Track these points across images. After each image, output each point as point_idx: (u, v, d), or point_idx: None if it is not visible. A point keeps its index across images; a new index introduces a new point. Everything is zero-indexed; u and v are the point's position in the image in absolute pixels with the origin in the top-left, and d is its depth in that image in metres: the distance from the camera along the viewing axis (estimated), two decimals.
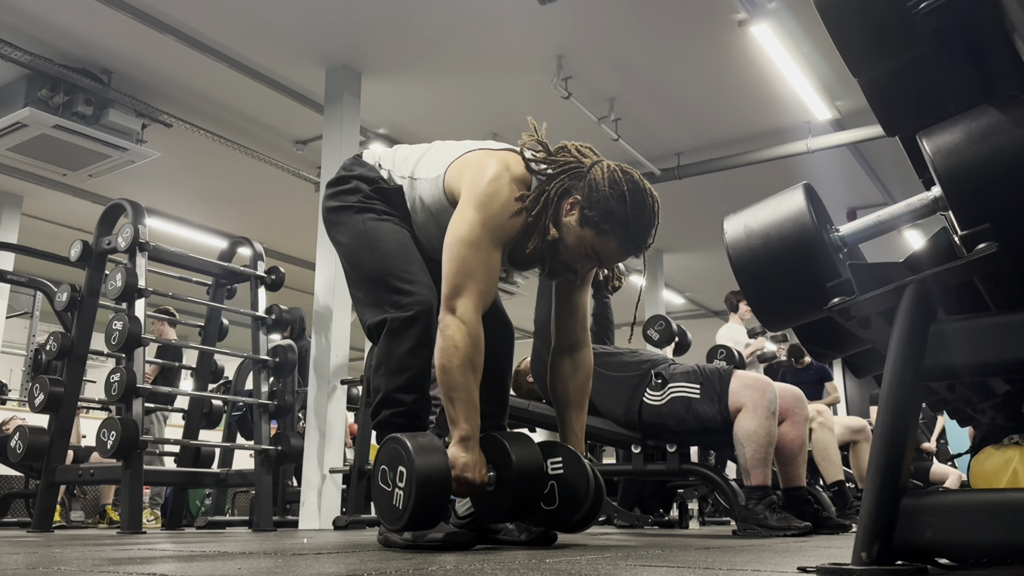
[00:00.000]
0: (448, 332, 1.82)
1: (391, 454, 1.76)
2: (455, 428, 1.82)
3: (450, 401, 1.82)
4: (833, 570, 1.01)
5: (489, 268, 1.88)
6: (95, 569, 1.27)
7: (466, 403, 1.81)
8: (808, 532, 2.71)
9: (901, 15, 1.15)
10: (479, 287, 1.85)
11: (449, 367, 1.81)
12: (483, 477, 1.81)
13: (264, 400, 3.90)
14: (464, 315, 1.83)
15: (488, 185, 1.88)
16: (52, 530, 3.64)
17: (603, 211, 1.86)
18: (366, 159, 2.15)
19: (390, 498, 1.73)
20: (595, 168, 1.90)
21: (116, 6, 4.97)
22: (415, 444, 1.70)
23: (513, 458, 1.80)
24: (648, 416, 3.01)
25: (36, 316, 7.66)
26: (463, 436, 1.80)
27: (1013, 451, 1.40)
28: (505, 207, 1.88)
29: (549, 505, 1.95)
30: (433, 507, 1.70)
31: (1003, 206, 1.06)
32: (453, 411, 1.82)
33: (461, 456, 1.79)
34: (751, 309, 1.31)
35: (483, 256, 1.86)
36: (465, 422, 1.81)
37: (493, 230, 1.87)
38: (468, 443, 1.80)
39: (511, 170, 1.91)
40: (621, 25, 5.31)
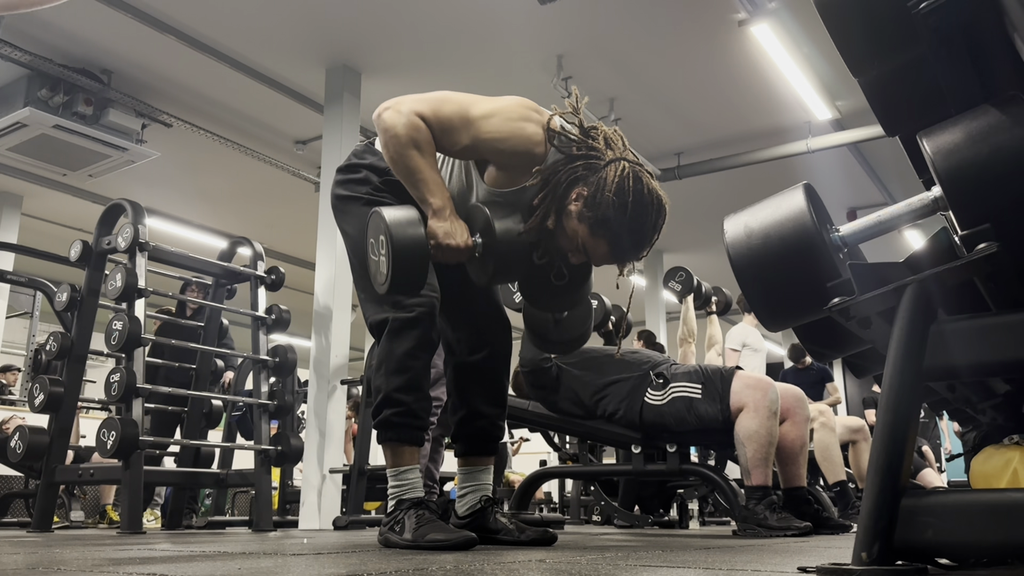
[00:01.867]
0: (385, 123, 1.84)
1: (373, 225, 1.83)
2: (426, 205, 1.84)
3: (413, 185, 1.86)
4: (833, 570, 1.01)
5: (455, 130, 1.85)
6: (95, 569, 1.27)
7: (428, 180, 1.84)
8: (808, 532, 2.71)
9: (901, 15, 1.15)
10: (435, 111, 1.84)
11: (397, 156, 1.84)
12: (467, 241, 1.82)
13: (264, 400, 3.90)
14: (402, 109, 1.84)
15: (513, 105, 1.87)
16: (52, 530, 3.64)
17: (600, 216, 1.81)
18: (378, 147, 2.12)
19: (377, 266, 1.82)
20: (610, 167, 1.83)
21: (116, 6, 4.97)
22: (392, 213, 1.78)
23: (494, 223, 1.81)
24: (649, 416, 3.01)
25: (36, 316, 7.66)
26: (436, 208, 1.83)
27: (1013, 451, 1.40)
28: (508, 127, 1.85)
29: (560, 280, 2.01)
30: (412, 271, 1.77)
31: (1003, 206, 1.06)
32: (420, 191, 1.85)
33: (439, 225, 1.81)
34: (751, 309, 1.31)
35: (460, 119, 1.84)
36: (433, 196, 1.83)
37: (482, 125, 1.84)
38: (443, 212, 1.82)
39: (533, 117, 1.87)
40: (621, 25, 5.31)
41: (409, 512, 1.88)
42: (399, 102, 1.86)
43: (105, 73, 5.75)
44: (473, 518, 2.06)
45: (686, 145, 7.06)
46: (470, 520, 2.06)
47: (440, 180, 1.86)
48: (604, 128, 1.92)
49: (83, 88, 5.56)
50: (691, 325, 4.63)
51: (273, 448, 3.83)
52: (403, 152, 1.83)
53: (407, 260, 1.75)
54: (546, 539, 1.99)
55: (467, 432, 2.14)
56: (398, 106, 1.85)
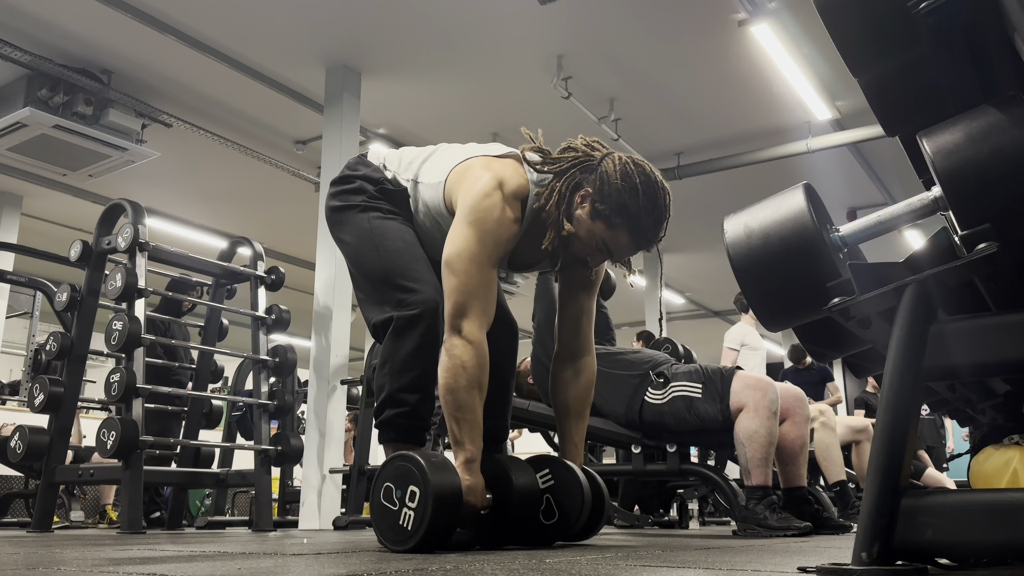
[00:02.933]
0: (455, 352, 1.80)
1: (400, 471, 1.70)
2: (459, 450, 1.79)
3: (455, 422, 1.79)
4: (833, 570, 1.01)
5: (489, 285, 1.87)
6: (95, 569, 1.27)
7: (471, 425, 1.79)
8: (808, 532, 2.71)
9: (901, 15, 1.15)
10: (482, 305, 1.84)
11: (456, 388, 1.79)
12: (484, 501, 1.79)
13: (264, 400, 3.90)
14: (470, 335, 1.81)
15: (481, 202, 1.86)
16: (52, 530, 3.64)
17: (614, 204, 1.84)
18: (371, 159, 2.14)
19: (396, 517, 1.67)
20: (606, 160, 1.87)
21: (116, 6, 4.97)
22: (429, 464, 1.66)
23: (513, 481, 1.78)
24: (649, 415, 3.01)
25: (36, 316, 7.64)
26: (468, 459, 1.78)
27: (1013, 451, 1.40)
28: (499, 225, 1.86)
29: (549, 519, 1.94)
30: (445, 528, 1.67)
31: (1003, 206, 1.06)
32: (459, 433, 1.79)
33: (466, 480, 1.75)
34: (751, 309, 1.31)
35: (483, 274, 1.85)
36: (470, 444, 1.79)
37: (489, 247, 1.85)
38: (472, 466, 1.78)
39: (506, 186, 1.88)
40: (621, 25, 5.31)
41: None
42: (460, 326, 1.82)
43: (105, 73, 5.75)
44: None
45: (686, 145, 7.06)
46: None
47: (480, 427, 1.81)
48: (580, 138, 1.97)
49: (83, 88, 5.56)
50: None
51: (273, 448, 3.83)
52: (467, 388, 1.79)
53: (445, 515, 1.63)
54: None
55: None
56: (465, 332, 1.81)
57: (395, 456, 1.75)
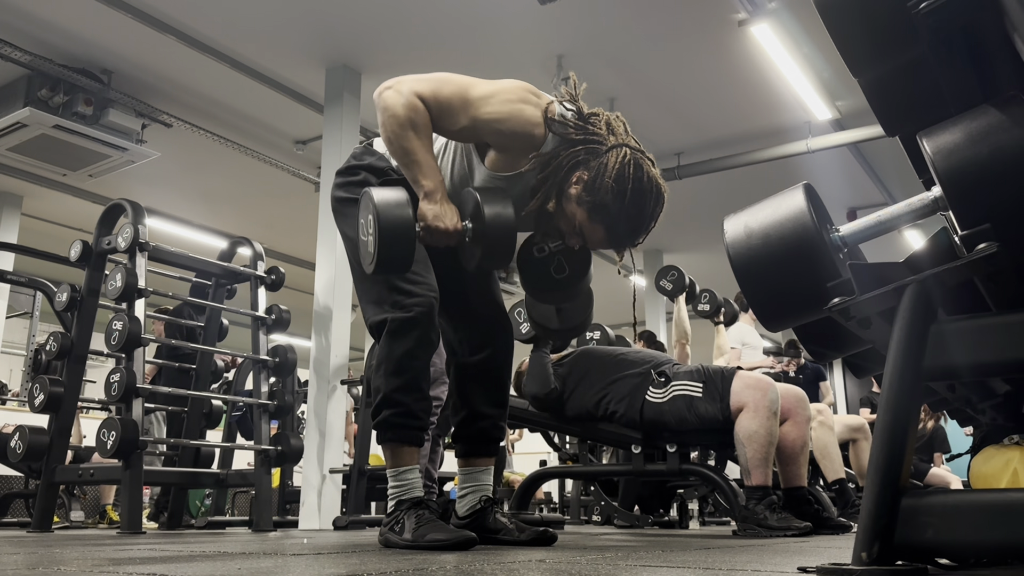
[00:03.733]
0: (385, 103, 1.85)
1: (363, 205, 1.83)
2: (418, 187, 1.85)
3: (406, 167, 1.86)
4: (833, 570, 1.01)
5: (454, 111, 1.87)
6: (95, 569, 1.27)
7: (422, 162, 1.84)
8: (808, 532, 2.71)
9: (901, 15, 1.15)
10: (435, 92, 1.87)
11: (394, 136, 1.84)
12: (456, 224, 1.82)
13: (264, 400, 3.90)
14: (401, 89, 1.86)
15: (513, 87, 1.90)
16: (52, 530, 3.64)
17: (598, 201, 1.83)
18: (377, 147, 2.12)
19: (366, 246, 1.82)
20: (612, 152, 1.85)
21: (116, 6, 4.97)
22: (381, 194, 1.78)
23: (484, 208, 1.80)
24: (650, 414, 3.01)
25: (36, 316, 7.65)
26: (427, 191, 1.83)
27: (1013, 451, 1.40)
28: (507, 109, 1.86)
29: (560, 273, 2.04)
30: (398, 250, 1.77)
31: (1003, 206, 1.06)
32: (412, 172, 1.85)
33: (429, 208, 1.81)
34: (751, 309, 1.31)
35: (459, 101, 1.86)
36: (425, 179, 1.84)
37: (482, 107, 1.86)
38: (434, 195, 1.83)
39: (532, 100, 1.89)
40: (621, 25, 5.31)
41: (409, 512, 1.88)
42: (399, 82, 1.88)
43: (105, 73, 5.75)
44: (473, 518, 2.06)
45: (686, 145, 7.06)
46: (470, 520, 2.06)
47: (434, 163, 1.87)
48: (606, 113, 1.95)
49: (83, 88, 5.56)
50: (683, 326, 4.63)
51: (273, 448, 3.83)
52: (400, 133, 1.84)
53: (394, 239, 1.76)
54: (546, 539, 1.99)
55: (468, 433, 2.15)
56: (399, 86, 1.87)
57: (362, 192, 1.85)
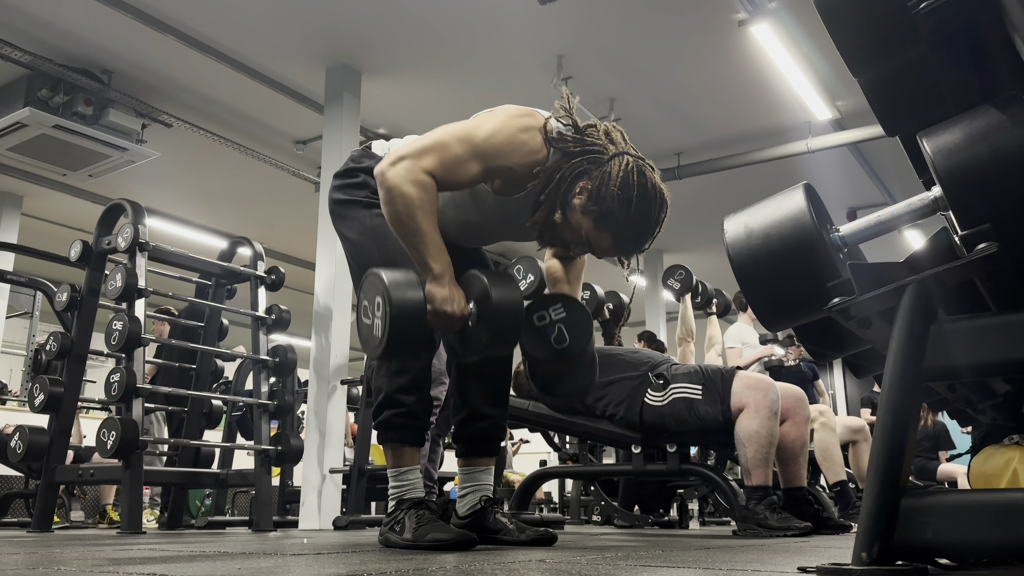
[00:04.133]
0: (391, 182, 1.77)
1: (369, 286, 1.78)
2: (425, 270, 1.79)
3: (413, 247, 1.80)
4: (833, 570, 1.01)
5: (463, 164, 1.82)
6: (95, 569, 1.27)
7: (431, 244, 1.79)
8: (808, 532, 2.71)
9: (901, 15, 1.15)
10: (441, 158, 1.80)
11: (401, 216, 1.78)
12: (462, 309, 1.79)
13: (264, 400, 3.90)
14: (408, 167, 1.78)
15: (511, 113, 1.87)
16: (52, 530, 3.64)
17: (604, 209, 1.82)
18: (376, 150, 2.12)
19: (370, 329, 1.76)
20: (614, 161, 1.84)
21: (116, 6, 4.97)
22: (391, 276, 1.73)
23: (491, 292, 1.77)
24: (649, 417, 3.01)
25: (36, 316, 7.65)
26: (436, 274, 1.78)
27: (1013, 451, 1.40)
28: (513, 138, 1.84)
29: (560, 344, 2.00)
30: (409, 334, 1.72)
31: (1003, 206, 1.06)
32: (421, 254, 1.79)
33: (436, 291, 1.77)
34: (751, 309, 1.31)
35: (465, 151, 1.82)
36: (434, 261, 1.79)
37: (491, 143, 1.83)
38: (442, 279, 1.79)
39: (530, 121, 1.87)
40: (621, 25, 5.31)
41: (409, 512, 1.88)
42: (402, 157, 1.80)
43: (105, 73, 5.75)
44: (473, 518, 2.06)
45: (686, 145, 7.06)
46: (470, 520, 2.06)
47: (442, 244, 1.81)
48: (603, 124, 1.93)
49: (83, 88, 5.56)
50: (689, 324, 4.64)
51: (273, 448, 3.83)
52: (408, 212, 1.77)
53: (406, 326, 1.69)
54: (546, 539, 1.99)
55: (468, 433, 2.15)
56: (403, 163, 1.79)
57: (368, 273, 1.80)
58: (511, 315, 1.79)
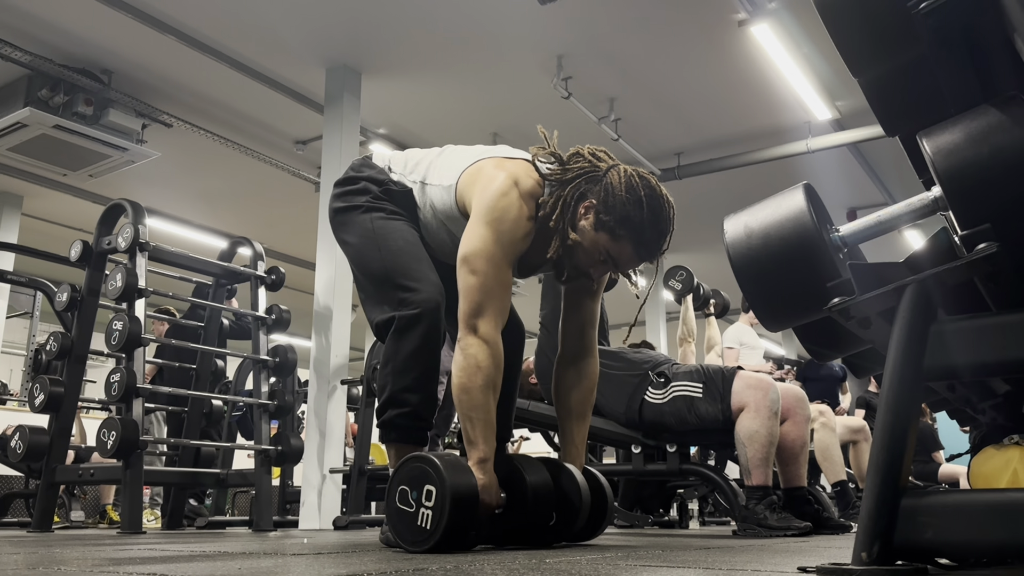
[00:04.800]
0: (471, 351, 1.80)
1: (414, 472, 1.70)
2: (473, 449, 1.79)
3: (469, 421, 1.79)
4: (833, 570, 1.01)
5: (505, 285, 1.87)
6: (95, 569, 1.27)
7: (485, 424, 1.79)
8: (808, 532, 2.71)
9: (901, 15, 1.15)
10: (498, 305, 1.85)
11: (471, 387, 1.79)
12: (498, 500, 1.79)
13: (264, 400, 3.90)
14: (486, 335, 1.81)
15: (498, 201, 1.86)
16: (52, 530, 3.64)
17: (619, 216, 1.85)
18: (375, 161, 2.14)
19: (415, 519, 1.67)
20: (612, 172, 1.89)
21: (116, 6, 4.97)
22: (444, 463, 1.67)
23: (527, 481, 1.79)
24: (649, 415, 3.01)
25: (36, 316, 7.65)
26: (482, 458, 1.78)
27: (1013, 451, 1.40)
28: (516, 224, 1.87)
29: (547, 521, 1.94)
30: (463, 526, 1.67)
31: (1003, 206, 1.06)
32: (472, 432, 1.79)
33: (480, 479, 1.75)
34: (751, 309, 1.31)
35: (500, 274, 1.85)
36: (483, 443, 1.78)
37: (506, 247, 1.86)
38: (486, 465, 1.78)
39: (520, 185, 1.89)
40: (621, 25, 5.31)
41: None
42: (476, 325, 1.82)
43: (105, 73, 5.75)
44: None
45: (686, 145, 7.06)
46: None
47: (494, 427, 1.82)
48: (586, 148, 1.97)
49: (83, 88, 5.56)
50: (690, 325, 4.64)
51: (273, 448, 3.83)
52: (482, 387, 1.79)
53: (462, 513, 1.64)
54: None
55: None
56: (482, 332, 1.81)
57: (409, 458, 1.75)
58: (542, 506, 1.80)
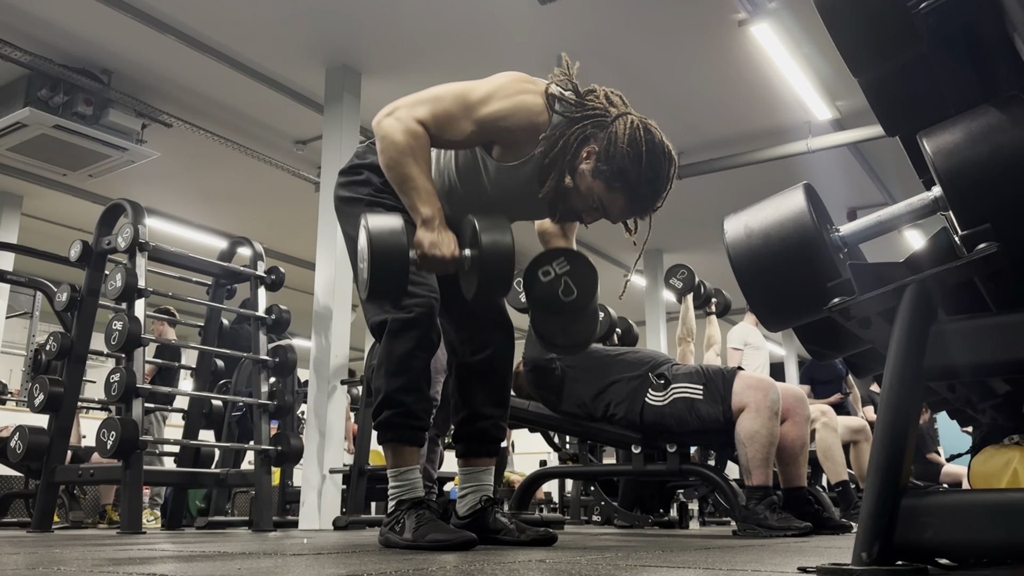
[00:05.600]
0: (384, 131, 1.83)
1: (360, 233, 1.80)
2: (416, 214, 1.82)
3: (404, 193, 1.84)
4: (833, 570, 1.01)
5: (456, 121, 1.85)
6: (95, 569, 1.27)
7: (420, 188, 1.82)
8: (808, 532, 2.71)
9: (901, 15, 1.15)
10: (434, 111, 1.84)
11: (393, 163, 1.83)
12: (453, 253, 1.79)
13: (264, 400, 3.90)
14: (400, 116, 1.84)
15: (514, 78, 1.90)
16: (52, 530, 3.64)
17: (616, 168, 1.83)
18: None
19: (360, 273, 1.80)
20: (619, 120, 1.86)
21: (116, 6, 4.97)
22: (375, 221, 1.75)
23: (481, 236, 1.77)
24: (650, 416, 3.01)
25: (36, 316, 7.66)
26: (426, 218, 1.80)
27: (1013, 451, 1.40)
28: (510, 102, 1.87)
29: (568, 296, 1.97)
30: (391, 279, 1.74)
31: (1003, 206, 1.06)
32: (411, 199, 1.82)
33: (426, 235, 1.78)
34: (751, 309, 1.31)
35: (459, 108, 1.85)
36: (423, 205, 1.81)
37: (485, 111, 1.85)
38: (432, 223, 1.80)
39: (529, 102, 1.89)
40: (621, 25, 5.31)
41: (409, 512, 1.88)
42: (396, 107, 1.86)
43: (105, 73, 5.75)
44: (473, 518, 2.06)
45: (686, 145, 7.06)
46: (470, 520, 2.06)
47: (432, 189, 1.85)
48: (602, 88, 1.95)
49: (83, 88, 5.55)
50: (690, 324, 4.64)
51: (273, 448, 3.83)
52: (399, 159, 1.82)
53: (387, 268, 1.73)
54: (546, 539, 1.99)
55: (468, 433, 2.15)
56: (397, 112, 1.85)
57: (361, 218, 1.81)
58: (503, 257, 1.78)
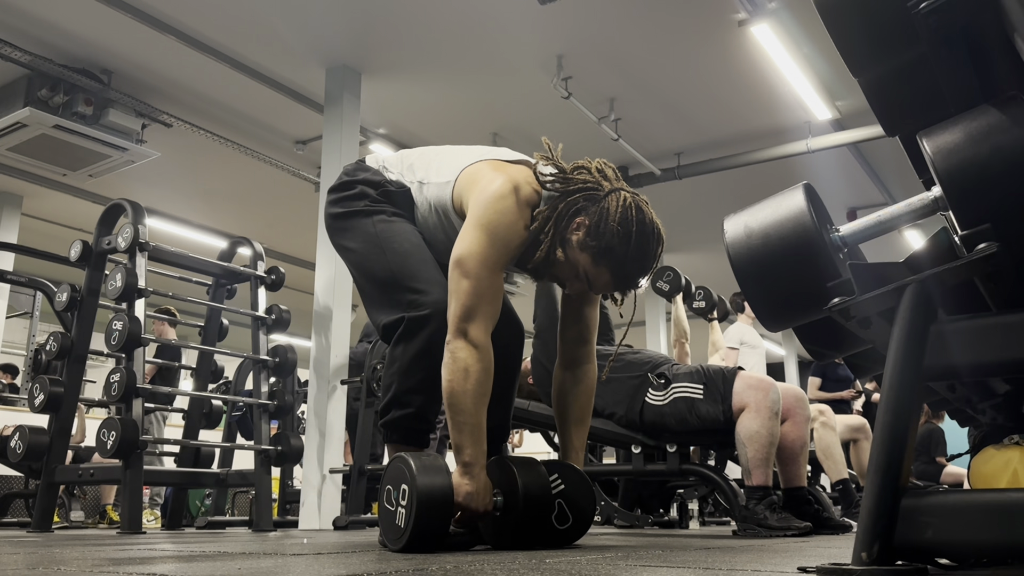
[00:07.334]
0: (460, 355, 1.78)
1: (395, 473, 1.73)
2: (459, 454, 1.78)
3: (456, 426, 1.77)
4: (833, 570, 1.00)
5: (497, 289, 1.86)
6: (95, 569, 1.27)
7: (473, 429, 1.77)
8: (808, 532, 2.71)
9: (901, 15, 1.15)
10: (489, 309, 1.83)
11: (458, 392, 1.77)
12: (487, 506, 1.77)
13: (264, 400, 3.90)
14: (476, 339, 1.79)
15: (496, 204, 1.84)
16: (52, 530, 3.64)
17: (604, 245, 1.83)
18: (369, 163, 2.12)
19: (393, 517, 1.71)
20: (611, 196, 1.85)
21: (116, 6, 4.97)
22: (418, 463, 1.68)
23: (519, 482, 1.77)
24: (650, 416, 3.00)
25: (36, 316, 7.66)
26: (467, 463, 1.76)
27: (1013, 451, 1.40)
28: (511, 230, 1.85)
29: (562, 524, 1.93)
30: (433, 528, 1.68)
31: (1003, 206, 1.06)
32: (459, 437, 1.77)
33: (464, 484, 1.74)
34: (751, 309, 1.31)
35: (492, 277, 1.84)
36: (471, 448, 1.76)
37: (500, 252, 1.84)
38: (472, 470, 1.76)
39: (519, 191, 1.87)
40: (621, 25, 5.31)
41: None
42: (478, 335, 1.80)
43: (105, 73, 5.75)
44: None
45: (686, 145, 7.06)
46: None
47: (483, 433, 1.79)
48: (592, 162, 1.95)
49: (83, 88, 5.56)
50: (682, 325, 4.64)
51: (273, 448, 3.83)
52: (471, 393, 1.77)
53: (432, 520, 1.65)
54: None
55: None
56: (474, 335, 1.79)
57: (394, 458, 1.76)
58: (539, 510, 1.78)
